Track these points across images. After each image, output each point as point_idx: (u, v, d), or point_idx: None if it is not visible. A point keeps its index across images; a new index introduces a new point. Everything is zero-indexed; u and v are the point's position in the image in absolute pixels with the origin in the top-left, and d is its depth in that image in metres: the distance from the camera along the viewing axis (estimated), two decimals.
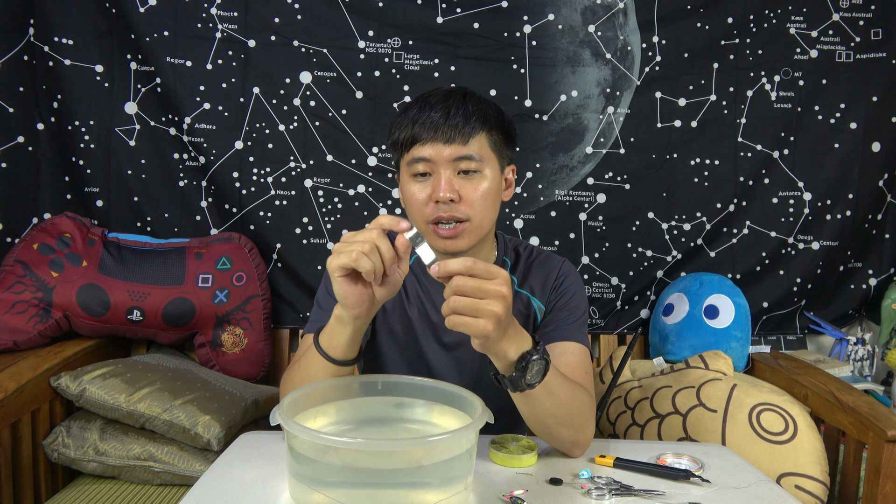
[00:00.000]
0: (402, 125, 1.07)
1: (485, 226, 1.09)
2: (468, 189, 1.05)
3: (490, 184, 1.07)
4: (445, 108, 1.05)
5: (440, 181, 1.04)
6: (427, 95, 1.08)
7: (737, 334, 1.82)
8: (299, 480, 0.77)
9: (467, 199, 1.05)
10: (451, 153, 1.04)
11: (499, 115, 1.11)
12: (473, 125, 1.05)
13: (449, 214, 1.04)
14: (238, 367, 1.82)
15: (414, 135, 1.05)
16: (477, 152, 1.05)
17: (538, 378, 0.88)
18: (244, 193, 1.93)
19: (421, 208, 1.06)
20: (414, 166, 1.06)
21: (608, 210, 2.02)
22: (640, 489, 0.89)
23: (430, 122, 1.04)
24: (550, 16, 1.97)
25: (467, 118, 1.04)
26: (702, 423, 1.55)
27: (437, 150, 1.04)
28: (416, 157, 1.05)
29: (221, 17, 1.89)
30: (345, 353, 0.93)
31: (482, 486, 0.89)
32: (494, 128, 1.08)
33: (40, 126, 1.85)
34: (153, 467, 1.47)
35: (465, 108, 1.05)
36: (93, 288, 1.71)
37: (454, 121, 1.03)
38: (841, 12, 2.02)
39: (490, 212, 1.09)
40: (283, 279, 1.96)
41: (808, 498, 1.42)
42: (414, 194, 1.07)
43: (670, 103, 2.01)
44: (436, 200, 1.04)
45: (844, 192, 2.05)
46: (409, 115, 1.07)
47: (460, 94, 1.08)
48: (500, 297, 0.78)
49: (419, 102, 1.08)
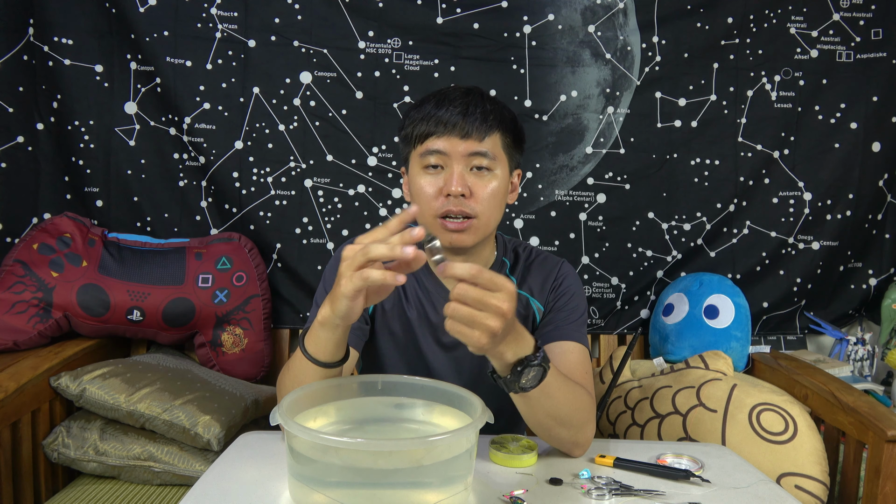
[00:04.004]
0: (417, 119, 1.08)
1: (490, 225, 1.10)
2: (479, 186, 1.06)
3: (500, 184, 1.08)
4: (465, 104, 1.06)
5: (453, 175, 1.05)
6: (445, 91, 1.09)
7: (737, 334, 1.82)
8: (299, 480, 0.77)
9: (477, 195, 1.06)
10: (466, 148, 1.05)
11: (513, 118, 1.12)
12: (491, 124, 1.06)
13: (458, 209, 1.05)
14: (238, 367, 1.82)
15: (430, 128, 1.06)
16: (491, 150, 1.07)
17: (534, 383, 0.88)
18: (244, 193, 1.93)
19: (430, 201, 1.07)
20: (427, 158, 1.07)
21: (608, 210, 2.02)
22: (640, 489, 0.89)
23: (448, 117, 1.05)
24: (550, 16, 1.97)
25: (485, 116, 1.06)
26: (702, 423, 1.55)
27: (453, 145, 1.05)
28: (431, 149, 1.06)
29: (221, 17, 1.89)
30: (333, 356, 0.91)
31: (482, 486, 0.89)
32: (508, 130, 1.10)
33: (40, 126, 1.85)
34: (153, 467, 1.47)
35: (483, 106, 1.07)
36: (93, 288, 1.71)
37: (472, 118, 1.05)
38: (841, 12, 2.02)
39: (496, 212, 1.10)
40: (283, 279, 1.96)
41: (808, 498, 1.42)
42: (424, 187, 1.07)
43: (670, 103, 2.01)
44: (447, 194, 1.05)
45: (844, 192, 2.05)
46: (426, 109, 1.08)
47: (478, 93, 1.10)
48: (499, 314, 0.77)
49: (437, 97, 1.08)
